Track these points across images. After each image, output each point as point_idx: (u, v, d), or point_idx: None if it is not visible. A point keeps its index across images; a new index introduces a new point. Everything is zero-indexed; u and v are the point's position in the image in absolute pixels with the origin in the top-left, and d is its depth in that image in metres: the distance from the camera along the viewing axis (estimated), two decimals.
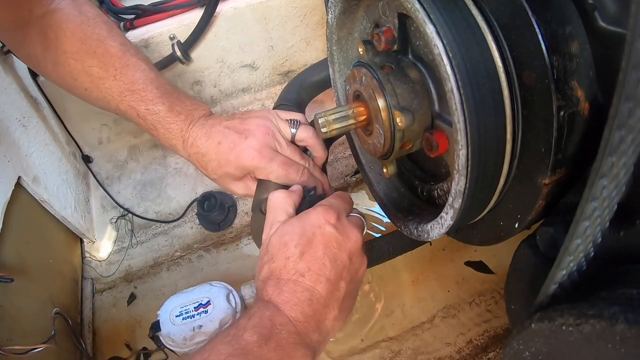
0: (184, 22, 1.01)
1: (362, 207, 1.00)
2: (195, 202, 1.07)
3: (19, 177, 0.82)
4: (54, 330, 0.77)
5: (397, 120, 0.45)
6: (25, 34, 0.63)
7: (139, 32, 1.01)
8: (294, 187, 0.60)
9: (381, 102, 0.46)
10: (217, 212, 1.02)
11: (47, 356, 0.74)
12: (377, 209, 0.99)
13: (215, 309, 0.69)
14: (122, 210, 1.09)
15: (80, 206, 1.04)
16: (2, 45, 0.90)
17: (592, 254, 0.32)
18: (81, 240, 1.05)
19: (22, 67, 0.95)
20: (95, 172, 1.12)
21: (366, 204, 1.00)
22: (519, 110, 0.38)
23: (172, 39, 1.01)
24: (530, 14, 0.34)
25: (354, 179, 1.08)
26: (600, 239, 0.31)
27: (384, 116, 0.47)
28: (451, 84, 0.36)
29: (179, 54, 0.99)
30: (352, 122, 0.52)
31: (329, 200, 0.57)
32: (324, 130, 0.52)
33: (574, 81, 0.35)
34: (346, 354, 0.83)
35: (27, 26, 0.63)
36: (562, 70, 0.35)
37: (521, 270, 0.44)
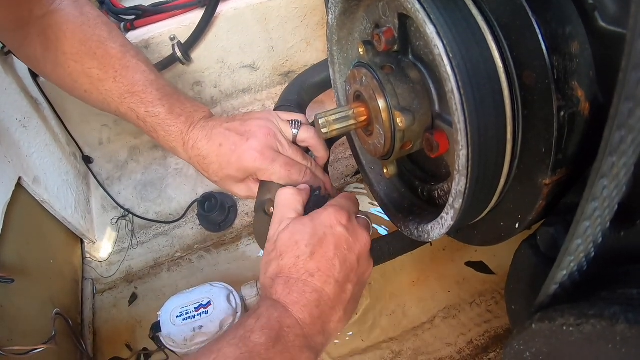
0: (185, 23, 1.01)
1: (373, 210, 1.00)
2: (195, 203, 1.07)
3: (20, 178, 0.82)
4: (55, 330, 0.77)
5: (398, 120, 0.45)
6: (25, 34, 0.63)
7: (140, 33, 1.01)
8: (302, 186, 0.60)
9: (381, 103, 0.46)
10: (217, 212, 1.02)
11: (48, 357, 0.74)
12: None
13: (215, 309, 0.69)
14: (122, 210, 1.09)
15: (80, 207, 1.04)
16: (3, 45, 0.90)
17: (593, 254, 0.32)
18: (82, 240, 1.05)
19: (22, 68, 0.95)
20: (95, 173, 1.12)
21: (365, 206, 1.00)
22: (519, 110, 0.38)
23: (173, 39, 1.01)
24: (530, 14, 0.34)
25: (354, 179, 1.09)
26: (600, 239, 0.31)
27: (385, 117, 0.47)
28: (451, 84, 0.36)
29: (180, 54, 1.00)
30: (352, 122, 0.52)
31: (338, 200, 0.57)
32: (324, 130, 0.51)
33: (574, 81, 0.35)
34: (347, 354, 0.83)
35: (27, 26, 0.63)
36: (562, 70, 0.35)
37: (522, 270, 0.44)
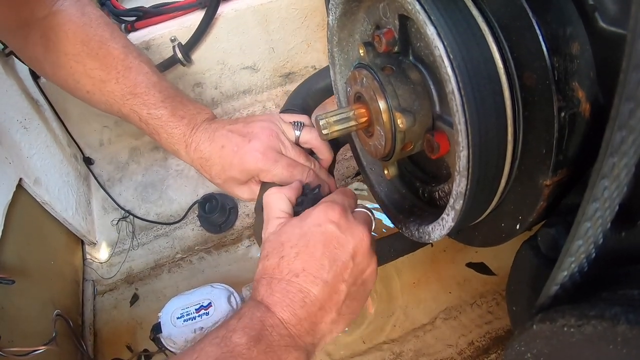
0: (185, 24, 1.01)
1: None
2: (196, 204, 1.07)
3: (20, 179, 0.83)
4: (55, 332, 0.77)
5: (398, 121, 0.45)
6: (27, 35, 0.63)
7: (140, 34, 1.02)
8: (293, 184, 0.58)
9: (382, 104, 0.46)
10: (218, 214, 1.02)
11: (48, 358, 0.74)
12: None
13: (216, 310, 0.69)
14: (123, 212, 1.09)
15: (81, 208, 1.04)
16: (3, 47, 0.90)
17: (594, 255, 0.32)
18: (82, 242, 1.05)
19: (23, 69, 0.95)
20: (96, 174, 1.13)
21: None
22: (519, 111, 0.38)
23: (173, 41, 1.01)
24: (530, 15, 0.34)
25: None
26: (601, 240, 0.31)
27: (385, 118, 0.47)
28: (452, 85, 0.36)
29: (180, 55, 1.00)
30: (353, 123, 0.52)
31: (332, 196, 0.54)
32: (325, 131, 0.51)
33: (574, 82, 0.35)
34: (348, 355, 0.83)
35: (29, 27, 0.62)
36: (562, 71, 0.35)
37: (523, 271, 0.44)
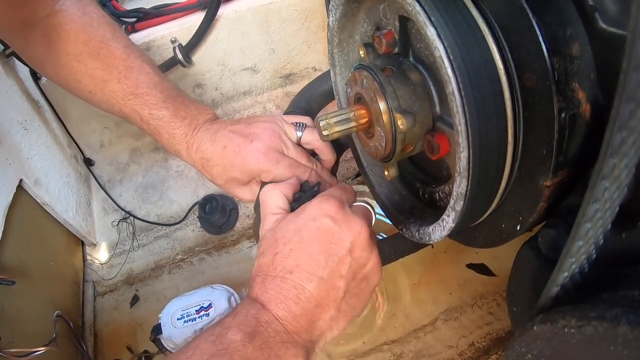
0: (186, 25, 1.01)
1: None
2: (196, 205, 1.07)
3: (21, 180, 0.83)
4: (55, 332, 0.77)
5: (399, 122, 0.45)
6: (29, 34, 0.63)
7: (141, 35, 1.02)
8: (290, 180, 0.57)
9: (382, 105, 0.46)
10: (218, 215, 1.02)
11: (48, 359, 0.74)
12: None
13: (216, 311, 0.69)
14: (123, 213, 1.09)
15: (81, 209, 1.04)
16: (4, 48, 0.90)
17: (594, 255, 0.32)
18: (82, 243, 1.05)
19: (23, 70, 0.95)
20: (96, 175, 1.13)
21: None
22: (520, 112, 0.38)
23: (174, 42, 1.01)
24: (530, 15, 0.34)
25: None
26: (602, 241, 0.31)
27: (385, 119, 0.47)
28: (452, 86, 0.36)
29: (181, 57, 1.00)
30: (353, 124, 0.52)
31: (329, 190, 0.54)
32: (325, 133, 0.51)
33: (575, 83, 0.35)
34: (348, 356, 0.83)
35: (31, 27, 0.62)
36: (563, 72, 0.35)
37: (523, 272, 0.44)
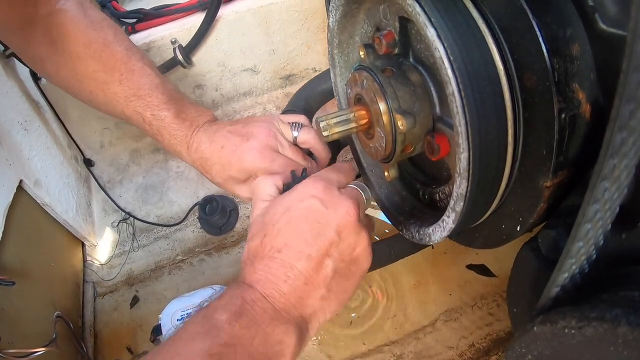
0: (186, 26, 1.01)
1: None
2: (196, 206, 1.07)
3: (21, 181, 0.83)
4: (55, 333, 0.77)
5: (399, 123, 0.45)
6: (29, 34, 0.63)
7: (141, 36, 1.02)
8: (282, 172, 0.58)
9: (382, 106, 0.46)
10: (218, 215, 1.02)
11: (48, 359, 0.74)
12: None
13: None
14: (123, 213, 1.09)
15: (81, 210, 1.04)
16: (4, 49, 0.90)
17: (594, 256, 0.32)
18: (82, 243, 1.05)
19: (23, 71, 0.95)
20: (96, 176, 1.13)
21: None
22: (520, 112, 0.38)
23: (174, 42, 1.01)
24: (530, 16, 0.34)
25: None
26: (602, 242, 0.31)
27: (385, 119, 0.47)
28: (452, 87, 0.36)
29: (181, 57, 1.00)
30: (353, 125, 0.52)
31: (320, 172, 0.54)
32: (325, 133, 0.51)
33: (575, 83, 0.35)
34: (348, 357, 0.83)
35: (31, 26, 0.63)
36: (563, 72, 0.35)
37: (523, 273, 0.44)
